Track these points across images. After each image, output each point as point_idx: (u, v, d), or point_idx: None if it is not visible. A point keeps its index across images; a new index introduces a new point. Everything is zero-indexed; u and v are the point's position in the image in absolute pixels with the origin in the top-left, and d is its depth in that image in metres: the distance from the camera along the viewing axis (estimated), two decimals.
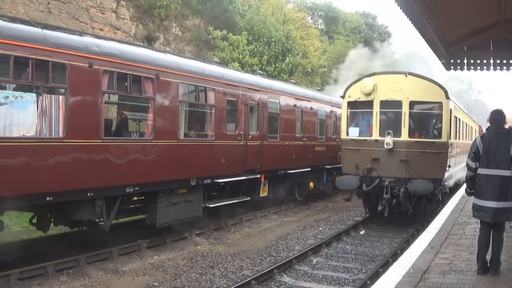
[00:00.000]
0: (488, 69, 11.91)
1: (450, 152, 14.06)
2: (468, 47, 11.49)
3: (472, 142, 7.13)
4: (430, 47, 10.69)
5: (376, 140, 13.89)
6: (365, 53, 32.26)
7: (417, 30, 9.23)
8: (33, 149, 8.16)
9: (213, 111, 12.58)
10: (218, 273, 9.73)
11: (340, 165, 14.99)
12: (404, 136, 13.63)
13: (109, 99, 10.50)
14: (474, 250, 7.68)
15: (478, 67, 11.92)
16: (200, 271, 9.80)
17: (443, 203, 15.56)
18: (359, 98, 14.34)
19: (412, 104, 13.80)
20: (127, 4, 21.13)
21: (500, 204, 6.41)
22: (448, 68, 12.17)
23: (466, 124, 21.46)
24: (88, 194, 9.21)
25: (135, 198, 11.50)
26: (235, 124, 13.63)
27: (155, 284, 9.01)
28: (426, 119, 14.46)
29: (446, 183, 15.00)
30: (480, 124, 37.83)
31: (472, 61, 11.85)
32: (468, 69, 12.10)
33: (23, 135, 8.14)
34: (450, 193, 17.20)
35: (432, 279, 6.24)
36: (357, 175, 13.91)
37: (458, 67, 12.16)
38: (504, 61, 11.79)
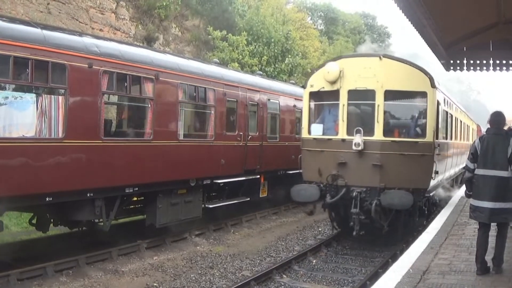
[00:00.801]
0: (487, 69, 11.91)
1: (438, 154, 11.46)
2: (468, 48, 11.50)
3: (469, 143, 7.30)
4: (429, 47, 10.69)
5: (343, 140, 11.04)
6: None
7: (417, 30, 9.23)
8: (32, 149, 8.15)
9: (212, 112, 12.57)
10: (217, 274, 9.72)
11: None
12: (378, 134, 10.78)
13: (108, 99, 10.49)
14: (473, 251, 7.67)
15: (478, 68, 11.93)
16: (199, 272, 9.80)
17: (430, 216, 12.87)
18: (323, 87, 11.49)
19: (388, 94, 10.90)
20: (127, 4, 21.13)
21: (496, 204, 6.42)
22: (447, 69, 12.17)
23: (462, 122, 18.81)
24: (88, 195, 9.21)
25: (135, 199, 11.50)
26: (234, 125, 13.63)
27: (155, 284, 9.01)
28: (406, 113, 11.80)
29: (433, 193, 12.30)
30: (479, 124, 37.45)
31: (471, 61, 11.86)
32: (468, 69, 12.10)
33: (23, 136, 8.13)
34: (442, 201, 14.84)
35: (431, 279, 6.24)
36: (321, 183, 11.20)
37: (458, 68, 12.16)
38: (504, 62, 11.80)
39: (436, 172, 11.19)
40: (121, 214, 11.12)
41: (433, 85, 10.92)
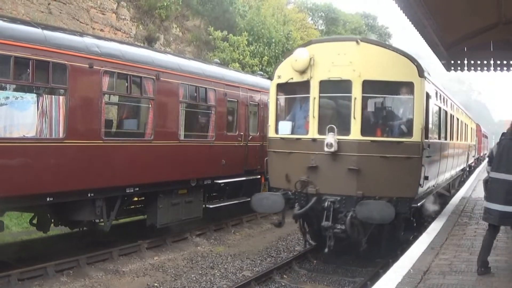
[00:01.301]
0: (488, 70, 11.93)
1: (428, 156, 9.76)
2: (469, 48, 11.52)
3: (468, 143, 7.36)
4: (430, 48, 10.72)
5: (314, 140, 9.31)
6: None
7: (418, 31, 9.25)
8: (33, 149, 8.16)
9: (213, 112, 12.58)
10: (218, 274, 9.72)
11: None
12: (355, 133, 9.10)
13: (109, 99, 10.50)
14: (474, 251, 7.68)
15: (479, 68, 11.95)
16: (200, 272, 9.80)
17: (420, 229, 10.53)
18: (291, 78, 9.75)
19: (367, 85, 9.16)
20: (128, 4, 21.14)
21: (505, 208, 6.43)
22: (448, 69, 12.20)
23: (459, 120, 16.97)
24: (88, 195, 9.21)
25: (135, 199, 11.50)
26: (235, 125, 13.64)
27: (155, 284, 9.01)
28: (389, 107, 10.04)
29: (423, 202, 10.13)
30: (479, 123, 36.91)
31: (472, 61, 11.89)
32: (469, 69, 12.12)
33: (24, 136, 8.14)
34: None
35: (432, 279, 6.24)
36: (289, 190, 9.65)
37: (459, 68, 12.19)
38: (505, 62, 11.83)
39: (426, 178, 9.43)
40: (121, 214, 11.13)
41: (421, 74, 9.17)
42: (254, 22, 26.27)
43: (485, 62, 11.81)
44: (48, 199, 8.50)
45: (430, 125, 10.18)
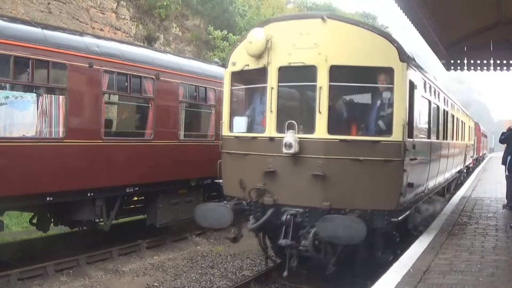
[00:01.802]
0: (488, 69, 11.95)
1: (413, 159, 8.21)
2: (468, 48, 11.53)
3: (465, 143, 7.37)
4: (430, 47, 10.73)
5: (271, 139, 7.79)
6: None
7: (418, 30, 9.26)
8: (33, 149, 8.16)
9: (213, 112, 12.57)
10: (218, 274, 9.73)
11: None
12: (320, 131, 7.52)
13: (109, 99, 10.51)
14: (474, 251, 7.69)
15: (478, 68, 11.97)
16: (200, 271, 9.80)
17: (404, 245, 8.48)
18: (247, 65, 8.17)
19: (335, 71, 7.55)
20: (127, 4, 21.14)
21: None
22: (448, 69, 12.21)
23: (454, 117, 14.98)
24: (88, 194, 9.21)
25: (135, 198, 11.50)
26: None
27: (155, 284, 9.01)
28: (363, 99, 8.71)
29: (405, 216, 8.06)
30: (478, 122, 36.15)
31: (472, 61, 11.90)
32: (468, 69, 12.13)
33: (23, 136, 8.14)
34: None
35: (432, 279, 6.23)
36: (243, 200, 8.10)
37: (458, 68, 12.19)
38: (504, 62, 11.84)
39: (410, 185, 7.96)
40: (121, 213, 11.13)
41: (402, 58, 7.53)
42: (254, 22, 26.26)
43: (485, 61, 11.82)
44: (48, 198, 8.50)
45: (415, 122, 8.48)
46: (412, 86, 8.18)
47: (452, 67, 12.13)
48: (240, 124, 8.69)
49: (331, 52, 7.53)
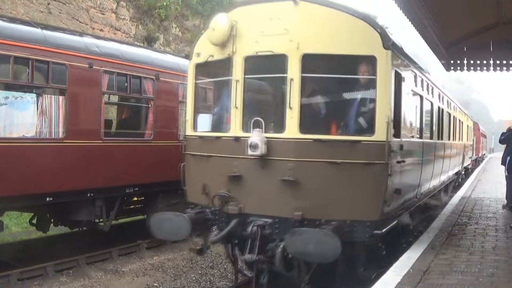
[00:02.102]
0: (488, 69, 11.94)
1: (401, 161, 7.26)
2: (468, 48, 11.53)
3: (463, 143, 7.23)
4: (430, 47, 10.72)
5: (236, 139, 6.88)
6: None
7: (417, 30, 9.26)
8: (33, 149, 8.16)
9: None
10: (218, 274, 9.73)
11: None
12: (291, 130, 6.61)
13: (109, 99, 10.51)
14: (474, 251, 7.69)
15: (478, 68, 11.96)
16: (200, 272, 9.80)
17: (394, 257, 7.24)
18: (211, 55, 7.27)
19: (308, 61, 6.62)
20: (127, 4, 21.15)
21: None
22: (448, 69, 12.21)
23: (451, 115, 14.01)
24: (88, 195, 9.21)
25: (135, 199, 11.50)
26: None
27: (155, 284, 9.01)
28: (340, 93, 7.53)
29: (391, 227, 7.00)
30: (478, 122, 35.44)
31: (472, 61, 11.90)
32: (468, 69, 12.13)
33: (23, 136, 8.14)
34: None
35: (432, 279, 6.23)
36: (207, 207, 7.24)
37: (458, 68, 12.19)
38: (504, 62, 11.83)
39: (397, 191, 7.04)
40: (121, 214, 11.13)
41: (386, 45, 6.57)
42: None
43: (485, 62, 11.82)
44: (47, 199, 8.50)
45: (404, 119, 7.57)
46: (399, 78, 7.20)
47: (452, 68, 12.13)
48: (205, 123, 7.89)
49: (303, 38, 6.58)
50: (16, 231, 11.97)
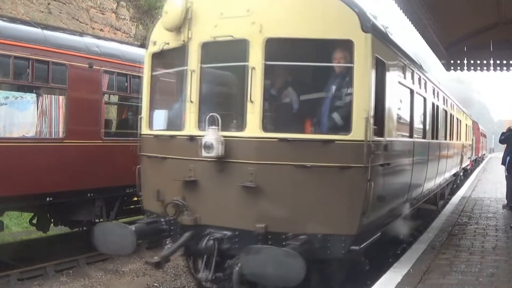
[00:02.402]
0: (488, 69, 11.95)
1: (386, 164, 6.32)
2: (468, 48, 11.54)
3: (461, 143, 7.03)
4: (430, 47, 10.73)
5: (191, 139, 6.01)
6: None
7: (417, 30, 9.26)
8: (33, 149, 8.16)
9: None
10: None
11: None
12: (252, 127, 5.69)
13: (109, 99, 10.50)
14: (474, 251, 7.70)
15: (478, 68, 11.97)
16: None
17: (379, 272, 6.60)
18: (167, 43, 6.36)
19: (273, 46, 5.72)
20: (127, 4, 21.15)
21: None
22: (448, 69, 12.21)
23: (447, 113, 12.92)
24: (88, 195, 9.21)
25: (135, 199, 11.49)
26: None
27: (155, 284, 9.01)
28: (311, 84, 6.56)
29: (372, 241, 6.15)
30: (477, 121, 34.76)
31: (472, 61, 11.90)
32: (468, 69, 12.13)
33: (23, 136, 8.14)
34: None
35: (432, 279, 6.23)
36: (163, 216, 6.30)
37: (458, 68, 12.19)
38: (504, 62, 11.84)
39: (380, 199, 6.16)
40: (121, 214, 11.11)
41: (365, 28, 5.64)
42: None
43: (485, 62, 11.83)
44: (48, 199, 8.50)
45: (388, 115, 6.59)
46: (382, 67, 6.22)
47: (452, 67, 12.14)
48: (160, 119, 7.03)
49: (267, 20, 5.67)
50: (16, 231, 11.96)
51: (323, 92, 6.09)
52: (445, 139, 12.63)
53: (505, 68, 11.90)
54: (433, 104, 10.38)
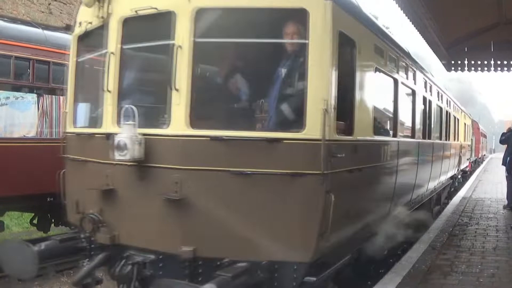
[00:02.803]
0: (488, 70, 11.95)
1: (356, 170, 5.17)
2: (469, 48, 11.54)
3: (459, 143, 6.68)
4: (431, 48, 10.73)
5: (108, 137, 4.75)
6: None
7: (418, 31, 9.26)
8: (33, 150, 8.16)
9: None
10: None
11: None
12: (177, 124, 4.41)
13: None
14: (475, 251, 7.70)
15: (479, 68, 11.97)
16: None
17: None
18: (90, 23, 5.34)
19: (205, 18, 4.53)
20: None
21: None
22: (449, 69, 12.22)
23: (442, 110, 11.69)
24: None
25: None
26: None
27: None
28: (255, 68, 5.15)
29: (331, 271, 4.89)
30: (477, 121, 34.03)
31: (472, 62, 11.91)
32: (469, 70, 12.14)
33: (24, 136, 8.15)
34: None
35: (432, 280, 6.23)
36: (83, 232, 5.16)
37: (459, 68, 12.20)
38: (505, 62, 11.84)
39: (348, 215, 5.05)
40: None
41: None
42: None
43: (486, 62, 11.83)
44: (48, 199, 8.50)
45: (361, 108, 5.32)
46: (350, 47, 5.05)
47: (453, 68, 12.14)
48: (83, 114, 5.94)
49: None
50: (17, 231, 11.96)
51: (270, 77, 4.79)
52: (440, 139, 11.44)
53: (505, 68, 11.91)
54: (424, 98, 9.10)
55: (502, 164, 12.78)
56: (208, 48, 4.75)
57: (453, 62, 11.97)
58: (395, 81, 6.84)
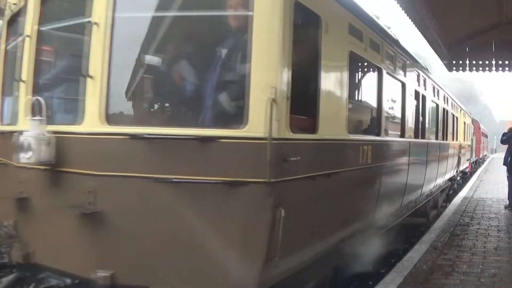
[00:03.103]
0: (490, 70, 11.97)
1: (314, 179, 4.07)
2: (470, 48, 11.56)
3: (458, 143, 6.51)
4: (432, 48, 10.74)
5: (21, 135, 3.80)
6: None
7: (419, 31, 9.27)
8: None
9: None
10: None
11: None
12: (91, 119, 3.68)
13: None
14: (476, 252, 7.69)
15: (480, 68, 11.99)
16: None
17: None
18: (15, 3, 4.62)
19: None
20: None
21: None
22: (450, 69, 12.23)
23: (439, 107, 10.92)
24: None
25: None
26: None
27: None
28: (189, 48, 4.17)
29: None
30: (478, 120, 33.62)
31: (474, 62, 11.92)
32: (470, 70, 12.15)
33: None
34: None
35: (434, 280, 6.23)
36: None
37: (460, 68, 12.21)
38: (506, 62, 11.86)
39: (308, 233, 4.21)
40: None
41: None
42: None
43: (487, 62, 11.84)
44: None
45: (328, 100, 4.40)
46: (314, 24, 4.18)
47: (454, 68, 12.15)
48: (7, 109, 5.14)
49: None
50: None
51: (206, 60, 3.93)
52: (436, 138, 10.63)
53: (507, 68, 11.92)
54: (417, 93, 8.16)
55: (503, 164, 12.77)
56: (130, 24, 3.95)
57: (454, 62, 11.98)
58: (379, 71, 5.92)
